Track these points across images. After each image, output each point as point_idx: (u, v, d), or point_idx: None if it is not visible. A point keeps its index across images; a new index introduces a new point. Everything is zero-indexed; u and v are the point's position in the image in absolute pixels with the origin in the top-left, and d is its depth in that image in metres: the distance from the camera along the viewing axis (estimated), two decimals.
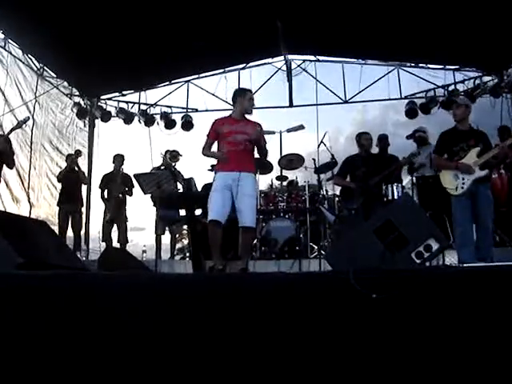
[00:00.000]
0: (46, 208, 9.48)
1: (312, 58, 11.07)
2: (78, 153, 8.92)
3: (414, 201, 5.45)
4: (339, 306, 2.30)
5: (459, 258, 5.27)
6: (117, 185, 8.59)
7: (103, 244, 8.70)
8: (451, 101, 5.75)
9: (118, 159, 8.87)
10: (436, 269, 3.30)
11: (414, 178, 7.18)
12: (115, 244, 8.58)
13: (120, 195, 8.57)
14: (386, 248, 2.76)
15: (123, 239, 8.61)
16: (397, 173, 6.91)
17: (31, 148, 9.19)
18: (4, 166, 6.27)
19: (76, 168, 8.77)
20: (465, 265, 3.83)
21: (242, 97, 5.40)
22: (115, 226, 8.64)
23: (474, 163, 5.16)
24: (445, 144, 5.47)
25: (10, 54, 8.73)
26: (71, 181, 8.63)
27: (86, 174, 10.21)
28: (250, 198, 4.99)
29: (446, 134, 5.57)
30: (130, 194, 8.66)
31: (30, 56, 9.28)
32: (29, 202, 9.00)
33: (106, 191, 8.80)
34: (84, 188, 9.30)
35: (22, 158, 8.92)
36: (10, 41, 8.65)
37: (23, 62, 9.13)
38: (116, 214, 8.59)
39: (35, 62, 9.44)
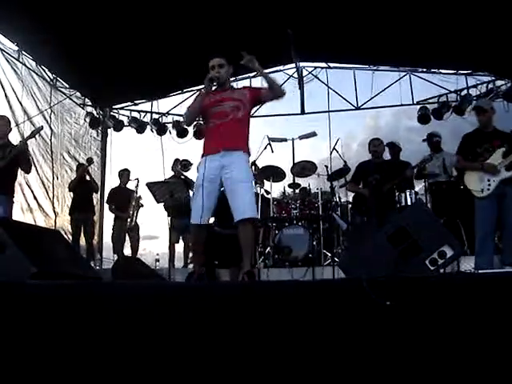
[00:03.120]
0: (67, 217, 9.56)
1: (323, 64, 11.07)
2: (90, 161, 8.99)
3: (427, 207, 5.41)
4: (353, 313, 2.29)
5: (477, 264, 5.10)
6: (124, 198, 8.69)
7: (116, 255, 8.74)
8: (475, 107, 5.60)
9: (125, 175, 8.97)
10: (451, 275, 3.27)
11: (427, 184, 7.15)
12: (127, 251, 8.66)
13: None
14: (399, 255, 2.74)
15: (134, 247, 8.68)
16: (409, 179, 6.88)
17: (52, 158, 9.28)
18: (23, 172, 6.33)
19: (88, 177, 8.84)
20: (480, 271, 3.80)
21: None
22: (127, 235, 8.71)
23: (499, 164, 5.04)
24: (468, 145, 5.36)
25: (24, 65, 8.84)
26: (83, 190, 8.70)
27: (99, 183, 10.30)
28: (244, 184, 4.17)
29: (470, 135, 5.48)
30: (141, 205, 8.77)
31: (42, 67, 9.38)
32: (54, 211, 9.10)
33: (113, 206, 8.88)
34: (95, 196, 9.35)
35: (45, 167, 9.05)
36: (23, 52, 8.75)
37: (37, 73, 9.24)
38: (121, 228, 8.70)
39: (48, 72, 9.54)
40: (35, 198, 8.73)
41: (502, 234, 5.34)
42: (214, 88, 4.33)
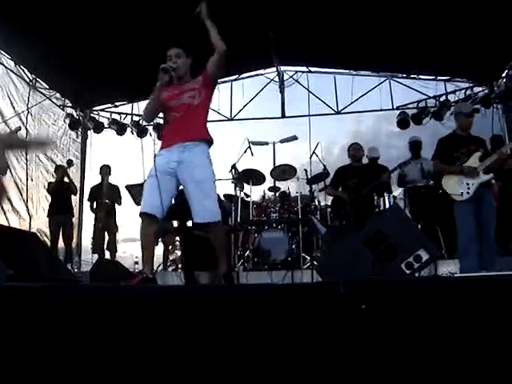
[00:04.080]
0: (43, 219, 9.48)
1: (304, 69, 11.14)
2: (70, 163, 8.97)
3: (403, 211, 5.43)
4: (330, 317, 2.30)
5: (462, 268, 5.06)
6: (103, 194, 8.68)
7: (95, 255, 8.71)
8: (474, 110, 5.59)
9: (105, 170, 8.99)
10: (426, 279, 3.30)
11: (406, 189, 7.23)
12: (105, 252, 8.64)
13: (107, 201, 8.66)
14: (376, 259, 2.76)
15: (112, 248, 8.66)
16: (387, 183, 6.95)
17: (27, 159, 9.20)
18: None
19: (67, 179, 8.79)
20: (456, 275, 3.85)
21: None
22: (106, 236, 8.69)
23: (478, 167, 5.07)
24: (445, 149, 5.35)
25: (2, 64, 8.75)
26: (61, 192, 8.65)
27: (79, 185, 10.26)
28: (206, 184, 3.91)
29: (446, 139, 5.49)
30: (119, 203, 8.76)
31: (22, 67, 9.29)
32: (28, 213, 9.01)
33: (94, 203, 8.87)
34: (74, 199, 9.31)
35: (18, 169, 8.96)
36: (2, 52, 8.66)
37: (15, 73, 9.15)
38: (106, 222, 8.66)
39: (27, 73, 9.46)
40: (8, 199, 8.63)
41: (482, 237, 5.34)
42: (169, 79, 4.04)
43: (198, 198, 3.86)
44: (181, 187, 4.07)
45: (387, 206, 6.54)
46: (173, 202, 4.13)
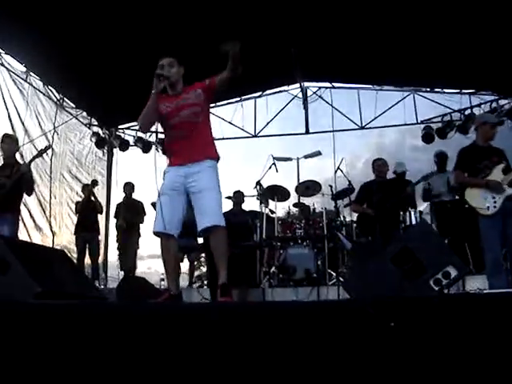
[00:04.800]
0: (67, 236, 9.60)
1: (327, 84, 11.15)
2: (95, 182, 9.09)
3: (431, 227, 5.36)
4: (358, 335, 2.27)
5: (491, 284, 4.83)
6: (131, 214, 8.79)
7: (121, 272, 8.78)
8: (498, 121, 5.41)
9: (128, 187, 9.10)
10: (456, 296, 3.26)
11: (432, 204, 7.15)
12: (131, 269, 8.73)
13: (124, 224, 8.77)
14: (403, 275, 2.73)
15: (132, 265, 8.74)
16: (411, 196, 6.88)
17: (51, 177, 9.33)
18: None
19: (92, 198, 8.91)
20: (485, 291, 3.78)
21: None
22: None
23: (502, 181, 4.90)
24: (467, 161, 5.18)
25: (31, 85, 8.93)
26: (87, 210, 8.75)
27: (105, 203, 10.38)
28: (209, 192, 3.88)
29: (467, 150, 5.34)
30: (141, 221, 8.85)
31: (50, 87, 9.47)
32: (51, 230, 9.13)
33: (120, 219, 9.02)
34: (100, 217, 9.40)
35: (42, 187, 9.09)
36: (31, 73, 8.86)
37: (43, 93, 9.33)
38: (126, 241, 8.77)
39: (55, 93, 9.64)
40: (31, 216, 8.73)
41: (508, 252, 5.19)
42: (162, 86, 4.06)
43: (202, 204, 3.86)
44: None
45: (413, 221, 6.48)
46: (192, 217, 4.09)
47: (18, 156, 6.56)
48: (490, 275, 4.93)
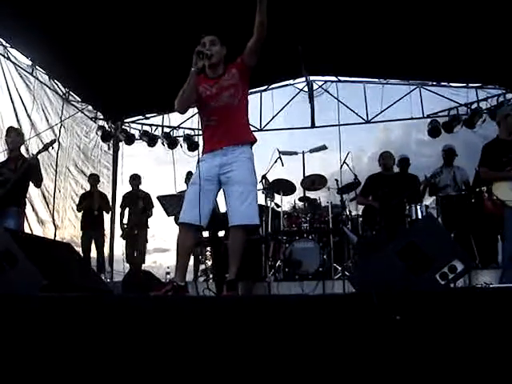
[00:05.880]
0: (70, 229, 9.64)
1: (333, 78, 11.12)
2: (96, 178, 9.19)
3: (437, 221, 5.33)
4: (363, 328, 2.28)
5: (505, 277, 4.84)
6: (138, 206, 8.79)
7: (127, 265, 8.80)
8: (509, 114, 5.34)
9: (136, 179, 9.10)
10: (462, 290, 3.25)
11: (438, 198, 7.14)
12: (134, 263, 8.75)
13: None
14: (409, 269, 2.72)
15: (141, 259, 8.75)
16: (419, 192, 6.88)
17: (56, 171, 9.37)
18: (31, 185, 6.31)
19: (99, 194, 8.97)
20: (492, 285, 3.77)
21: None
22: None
23: None
24: (492, 155, 5.15)
25: (37, 79, 8.95)
26: (93, 207, 8.77)
27: (111, 196, 10.40)
28: (243, 186, 3.74)
29: (491, 145, 5.31)
30: (150, 215, 8.85)
31: (56, 81, 9.49)
32: (54, 223, 9.14)
33: (126, 210, 9.02)
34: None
35: (47, 180, 9.06)
36: (37, 67, 8.87)
37: (49, 87, 9.35)
38: (136, 232, 8.78)
39: (61, 86, 9.66)
40: (34, 209, 8.75)
41: None
42: (202, 65, 3.86)
43: (234, 199, 3.74)
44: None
45: (419, 215, 6.48)
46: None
47: (23, 150, 6.57)
48: (506, 268, 4.94)
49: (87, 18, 7.21)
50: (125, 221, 9.04)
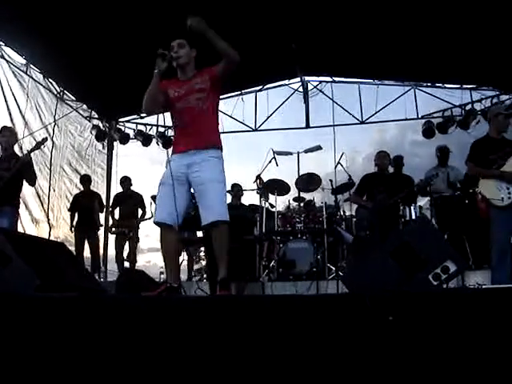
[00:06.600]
0: (65, 229, 9.58)
1: (328, 79, 11.14)
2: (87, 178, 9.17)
3: (430, 222, 5.35)
4: (356, 328, 2.28)
5: (495, 279, 4.81)
6: (128, 206, 8.78)
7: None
8: (500, 112, 5.33)
9: (126, 181, 9.09)
10: (455, 291, 3.26)
11: (432, 199, 7.15)
12: (125, 262, 8.73)
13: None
14: (402, 270, 2.73)
15: (133, 258, 8.73)
16: (413, 195, 6.89)
17: (50, 170, 9.33)
18: (25, 184, 6.28)
19: (94, 194, 8.95)
20: (484, 286, 3.78)
21: None
22: (127, 244, 8.80)
23: None
24: (480, 152, 5.13)
25: (31, 78, 8.91)
26: (85, 207, 8.74)
27: (105, 196, 10.37)
28: (212, 184, 3.74)
29: (480, 142, 5.30)
30: (143, 215, 8.84)
31: (50, 80, 9.45)
32: (48, 223, 9.11)
33: (117, 209, 9.03)
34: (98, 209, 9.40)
35: (41, 179, 9.03)
36: (31, 66, 8.83)
37: (44, 86, 9.31)
38: (127, 231, 8.77)
39: (55, 85, 9.62)
40: (27, 208, 8.71)
41: None
42: (165, 67, 3.92)
43: (206, 197, 3.73)
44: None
45: (413, 215, 6.49)
46: (191, 210, 4.01)
47: (17, 149, 6.54)
48: (494, 268, 4.89)
49: (82, 17, 7.19)
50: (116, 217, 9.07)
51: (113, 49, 7.99)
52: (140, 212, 8.86)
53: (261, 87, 11.22)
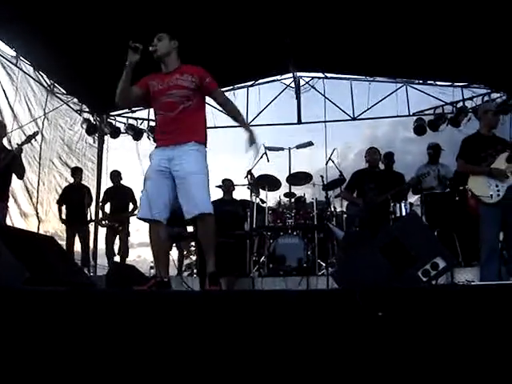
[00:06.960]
0: (54, 223, 9.51)
1: (320, 75, 11.13)
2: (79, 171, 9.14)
3: (420, 219, 5.35)
4: (346, 324, 2.29)
5: (483, 276, 4.80)
6: (120, 200, 8.75)
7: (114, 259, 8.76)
8: (500, 109, 5.29)
9: (116, 175, 9.05)
10: (444, 287, 3.28)
11: (423, 195, 7.18)
12: (116, 257, 8.70)
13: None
14: (392, 266, 2.74)
15: (124, 252, 8.71)
16: (404, 191, 6.92)
17: (40, 163, 9.25)
18: (13, 178, 6.23)
19: (84, 188, 8.91)
20: (473, 283, 3.80)
21: None
22: (117, 239, 8.77)
23: (506, 169, 4.84)
24: (470, 149, 5.11)
25: (21, 70, 8.82)
26: (76, 201, 8.70)
27: (95, 190, 10.33)
28: (194, 177, 3.70)
29: (471, 139, 5.28)
30: (135, 209, 8.81)
31: (40, 73, 9.37)
32: (37, 217, 9.05)
33: (107, 205, 9.00)
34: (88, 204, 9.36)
35: (30, 173, 8.93)
36: (21, 58, 8.75)
37: (34, 79, 9.21)
38: (119, 226, 8.74)
39: (46, 78, 9.53)
40: (16, 202, 8.62)
41: (508, 242, 5.14)
42: (136, 59, 4.03)
43: (188, 190, 3.69)
44: None
45: (403, 212, 6.51)
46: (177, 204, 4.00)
47: (5, 142, 6.50)
48: (483, 265, 4.89)
49: (74, 9, 7.13)
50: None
51: (104, 42, 7.92)
52: (131, 206, 8.80)
53: (252, 82, 11.18)
